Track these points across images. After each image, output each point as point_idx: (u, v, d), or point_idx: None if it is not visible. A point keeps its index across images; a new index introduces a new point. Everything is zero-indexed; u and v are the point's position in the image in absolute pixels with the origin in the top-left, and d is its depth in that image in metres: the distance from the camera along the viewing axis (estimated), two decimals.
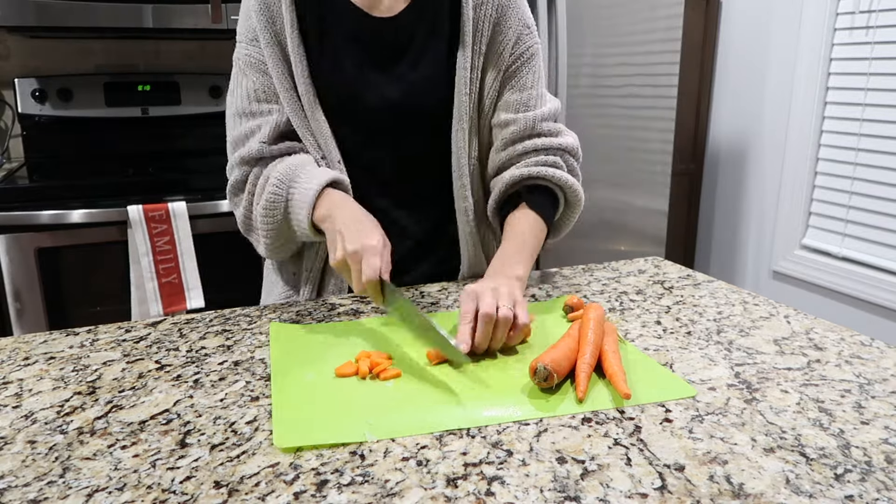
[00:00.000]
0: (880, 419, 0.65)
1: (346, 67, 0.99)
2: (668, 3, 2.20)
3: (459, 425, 0.64)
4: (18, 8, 1.89)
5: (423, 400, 0.68)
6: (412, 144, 1.04)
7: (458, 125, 1.02)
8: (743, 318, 0.92)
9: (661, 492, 0.54)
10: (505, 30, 1.02)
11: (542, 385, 0.69)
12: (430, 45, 1.01)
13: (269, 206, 0.95)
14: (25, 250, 1.77)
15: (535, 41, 1.05)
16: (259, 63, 0.99)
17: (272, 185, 0.95)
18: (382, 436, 0.61)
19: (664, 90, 2.28)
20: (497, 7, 1.01)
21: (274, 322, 0.88)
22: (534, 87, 1.05)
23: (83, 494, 0.53)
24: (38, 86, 2.21)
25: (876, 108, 2.31)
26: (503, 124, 1.04)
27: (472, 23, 0.99)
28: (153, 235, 1.79)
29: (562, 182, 1.02)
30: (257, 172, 0.99)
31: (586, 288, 1.05)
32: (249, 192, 1.00)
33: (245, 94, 1.00)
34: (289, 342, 0.82)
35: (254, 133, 0.99)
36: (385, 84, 1.00)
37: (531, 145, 1.03)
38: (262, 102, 1.00)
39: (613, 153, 2.27)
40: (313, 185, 0.92)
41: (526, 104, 1.03)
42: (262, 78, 0.99)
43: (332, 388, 0.71)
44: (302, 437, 0.61)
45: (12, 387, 0.72)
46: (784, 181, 2.63)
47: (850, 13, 2.36)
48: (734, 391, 0.71)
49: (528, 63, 1.04)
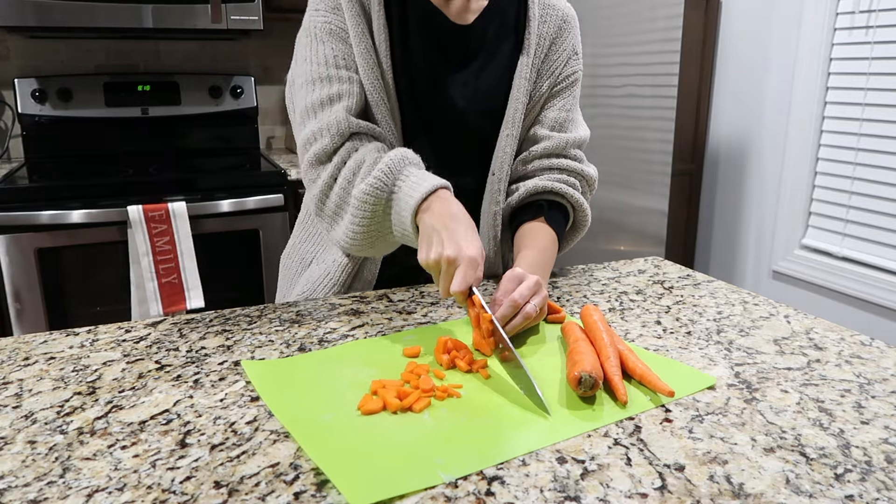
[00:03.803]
0: (880, 419, 0.65)
1: (420, 62, 1.00)
2: (668, 3, 2.20)
3: (529, 448, 0.60)
4: (18, 8, 1.89)
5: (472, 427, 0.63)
6: (459, 144, 1.05)
7: (510, 130, 1.04)
8: (743, 318, 0.92)
9: (661, 492, 0.54)
10: (560, 50, 1.07)
11: (586, 394, 0.67)
12: (495, 52, 1.03)
13: (370, 194, 0.88)
14: (25, 250, 1.77)
15: (580, 67, 1.10)
16: (340, 31, 0.97)
17: (381, 170, 0.88)
18: (459, 473, 0.56)
19: (664, 90, 2.28)
20: (557, 27, 1.06)
21: (245, 360, 0.77)
22: (572, 110, 1.10)
23: (83, 494, 0.53)
24: (38, 86, 2.21)
25: (876, 108, 2.31)
26: (538, 138, 1.07)
27: (536, 36, 1.04)
28: (153, 235, 1.79)
29: (577, 204, 1.07)
30: (351, 147, 0.94)
31: (586, 288, 1.05)
32: (340, 166, 0.93)
33: (323, 60, 0.96)
34: (274, 380, 0.72)
35: (337, 99, 0.96)
36: (452, 87, 1.02)
37: (557, 164, 1.07)
38: (343, 69, 0.97)
39: (613, 153, 2.27)
40: (427, 182, 0.87)
41: (562, 125, 1.08)
42: (343, 46, 0.97)
43: (368, 429, 0.63)
44: (380, 492, 0.53)
45: (12, 387, 0.72)
46: (784, 181, 2.63)
47: (850, 13, 2.36)
48: (734, 391, 0.71)
49: (572, 87, 1.09)
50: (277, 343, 0.83)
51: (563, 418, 0.65)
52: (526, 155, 1.08)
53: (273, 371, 0.74)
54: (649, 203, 2.36)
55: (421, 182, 0.86)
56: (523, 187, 1.06)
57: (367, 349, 0.81)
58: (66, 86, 2.23)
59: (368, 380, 0.72)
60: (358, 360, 0.78)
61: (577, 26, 1.10)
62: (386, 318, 0.92)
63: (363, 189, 0.88)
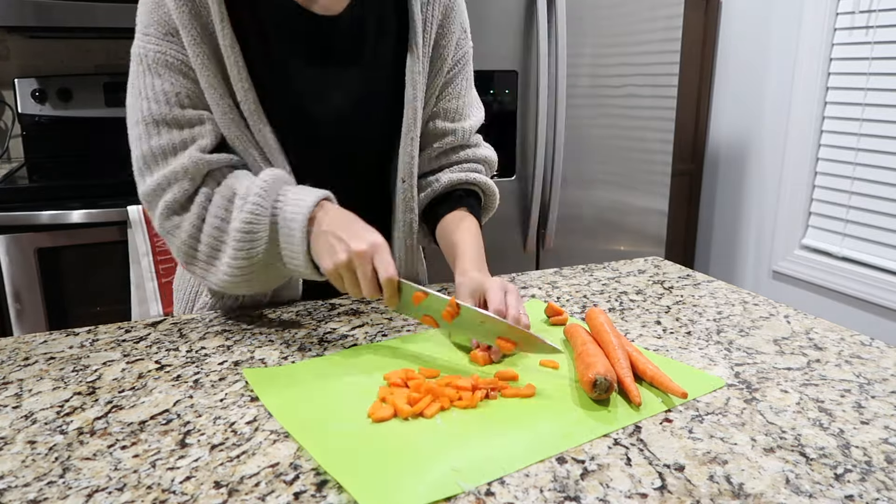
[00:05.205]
0: (880, 419, 0.65)
1: (288, 71, 0.89)
2: (668, 3, 2.20)
3: (548, 454, 0.59)
4: (18, 8, 1.89)
5: (487, 431, 0.62)
6: (355, 156, 0.98)
7: (412, 132, 0.97)
8: (743, 318, 0.92)
9: (661, 492, 0.54)
10: (448, 34, 0.99)
11: (601, 396, 0.67)
12: (377, 47, 0.94)
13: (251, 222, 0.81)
14: (25, 250, 1.77)
15: (470, 45, 1.05)
16: (178, 63, 0.84)
17: (255, 197, 0.81)
18: (477, 481, 0.55)
19: (664, 90, 2.28)
20: (443, 8, 0.97)
21: (245, 368, 0.76)
22: (467, 93, 1.05)
23: (83, 494, 0.53)
24: (38, 86, 2.21)
25: (876, 108, 2.31)
26: (440, 133, 1.03)
27: (422, 24, 0.95)
28: (153, 235, 1.79)
29: (489, 189, 1.07)
30: (213, 184, 0.85)
31: (586, 288, 1.05)
32: (205, 205, 0.84)
33: (163, 99, 0.84)
34: (279, 389, 0.71)
35: (191, 142, 0.85)
36: (335, 96, 0.93)
37: (464, 155, 1.06)
38: (188, 108, 0.85)
39: (613, 153, 2.27)
40: (309, 196, 0.81)
41: (461, 113, 1.04)
42: (184, 81, 0.85)
43: (381, 437, 0.61)
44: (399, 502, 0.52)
45: (12, 387, 0.72)
46: (784, 181, 2.63)
47: (850, 13, 2.36)
48: (734, 391, 0.71)
49: (464, 69, 1.04)
50: (277, 343, 0.83)
51: (578, 421, 0.64)
52: (430, 151, 1.04)
53: (275, 379, 0.73)
54: (649, 203, 2.36)
55: (303, 198, 0.81)
56: (436, 182, 1.03)
57: (369, 354, 0.81)
58: (66, 86, 2.23)
59: (375, 386, 0.71)
60: (362, 366, 0.77)
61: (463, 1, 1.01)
62: (386, 318, 0.92)
63: (243, 218, 0.81)
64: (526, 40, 2.06)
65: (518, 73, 2.07)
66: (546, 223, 2.19)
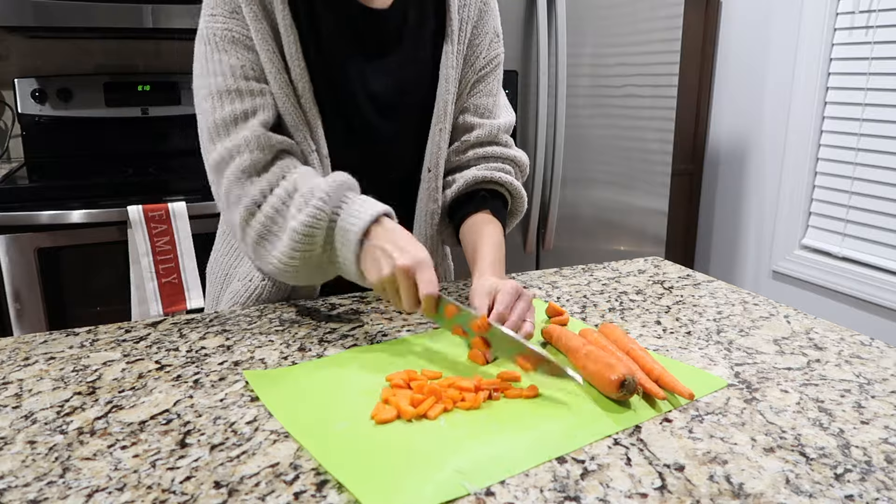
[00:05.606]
0: (880, 419, 0.65)
1: (335, 55, 0.94)
2: (668, 3, 2.20)
3: (552, 455, 0.58)
4: (18, 8, 1.89)
5: (490, 433, 0.62)
6: (388, 140, 1.01)
7: (442, 124, 1.01)
8: (743, 317, 0.92)
9: (661, 492, 0.54)
10: (482, 34, 1.04)
11: (625, 397, 0.67)
12: (417, 39, 0.99)
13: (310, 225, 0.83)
14: (25, 250, 1.77)
15: (502, 49, 1.08)
16: (243, 38, 0.89)
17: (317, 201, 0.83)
18: (482, 483, 0.55)
19: (664, 90, 2.28)
20: (478, 10, 1.03)
21: (246, 371, 0.75)
22: (498, 94, 1.09)
23: (83, 494, 0.53)
24: (37, 86, 2.21)
25: (876, 108, 2.31)
26: (468, 127, 1.06)
27: (458, 21, 1.00)
28: (153, 235, 1.79)
29: (515, 191, 1.06)
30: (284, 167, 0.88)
31: (586, 288, 1.05)
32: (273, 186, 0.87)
33: (229, 72, 0.89)
34: (281, 389, 0.71)
35: (252, 114, 0.89)
36: (373, 80, 0.97)
37: (491, 151, 1.06)
38: (252, 80, 0.90)
39: (613, 153, 2.27)
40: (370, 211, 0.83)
41: (490, 110, 1.07)
42: (249, 54, 0.90)
43: (383, 438, 0.61)
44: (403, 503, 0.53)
45: (12, 387, 0.72)
46: (784, 181, 2.63)
47: (850, 13, 2.36)
48: (734, 391, 0.71)
49: (496, 70, 1.08)
50: (277, 343, 0.83)
51: (582, 422, 0.64)
52: (458, 145, 1.06)
53: (276, 381, 0.73)
54: (649, 203, 2.36)
55: (364, 210, 0.83)
56: (461, 179, 1.04)
57: (370, 354, 0.81)
58: (66, 86, 2.23)
59: (377, 387, 0.71)
60: (363, 367, 0.77)
61: (497, 6, 1.06)
62: (386, 319, 0.92)
63: (303, 220, 0.83)
64: (526, 40, 2.06)
65: (518, 73, 2.07)
66: (546, 223, 2.19)
